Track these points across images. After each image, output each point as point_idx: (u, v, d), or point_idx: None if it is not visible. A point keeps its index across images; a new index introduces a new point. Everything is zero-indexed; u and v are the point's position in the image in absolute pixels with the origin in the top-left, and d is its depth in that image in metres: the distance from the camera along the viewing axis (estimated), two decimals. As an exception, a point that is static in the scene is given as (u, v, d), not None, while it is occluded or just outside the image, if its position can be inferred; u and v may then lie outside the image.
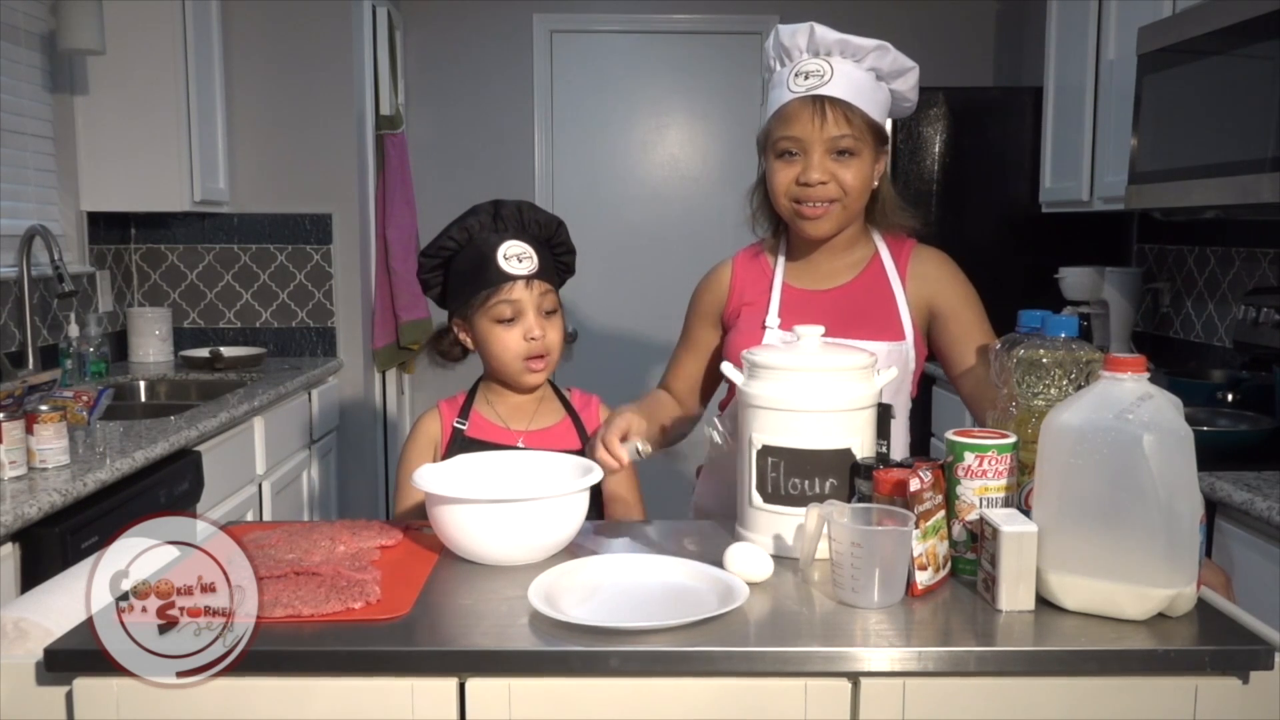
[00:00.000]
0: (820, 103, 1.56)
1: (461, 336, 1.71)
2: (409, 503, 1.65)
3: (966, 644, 1.06)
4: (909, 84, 1.64)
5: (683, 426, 1.77)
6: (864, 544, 1.12)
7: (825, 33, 1.58)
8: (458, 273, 1.67)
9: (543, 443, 1.66)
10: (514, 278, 1.62)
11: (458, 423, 1.69)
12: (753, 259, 1.75)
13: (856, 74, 1.58)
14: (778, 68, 1.63)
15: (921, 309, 1.66)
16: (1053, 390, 1.27)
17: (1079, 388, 1.23)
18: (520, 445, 1.66)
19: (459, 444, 1.66)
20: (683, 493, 1.96)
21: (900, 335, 1.63)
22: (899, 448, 1.65)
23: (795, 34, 1.59)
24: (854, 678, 1.04)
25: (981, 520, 1.16)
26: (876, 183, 1.64)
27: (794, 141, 1.58)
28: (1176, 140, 2.48)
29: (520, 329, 1.63)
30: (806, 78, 1.57)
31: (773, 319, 1.65)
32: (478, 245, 1.64)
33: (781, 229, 1.71)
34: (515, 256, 1.63)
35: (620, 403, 1.82)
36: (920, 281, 1.67)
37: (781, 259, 1.71)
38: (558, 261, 1.72)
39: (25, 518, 1.76)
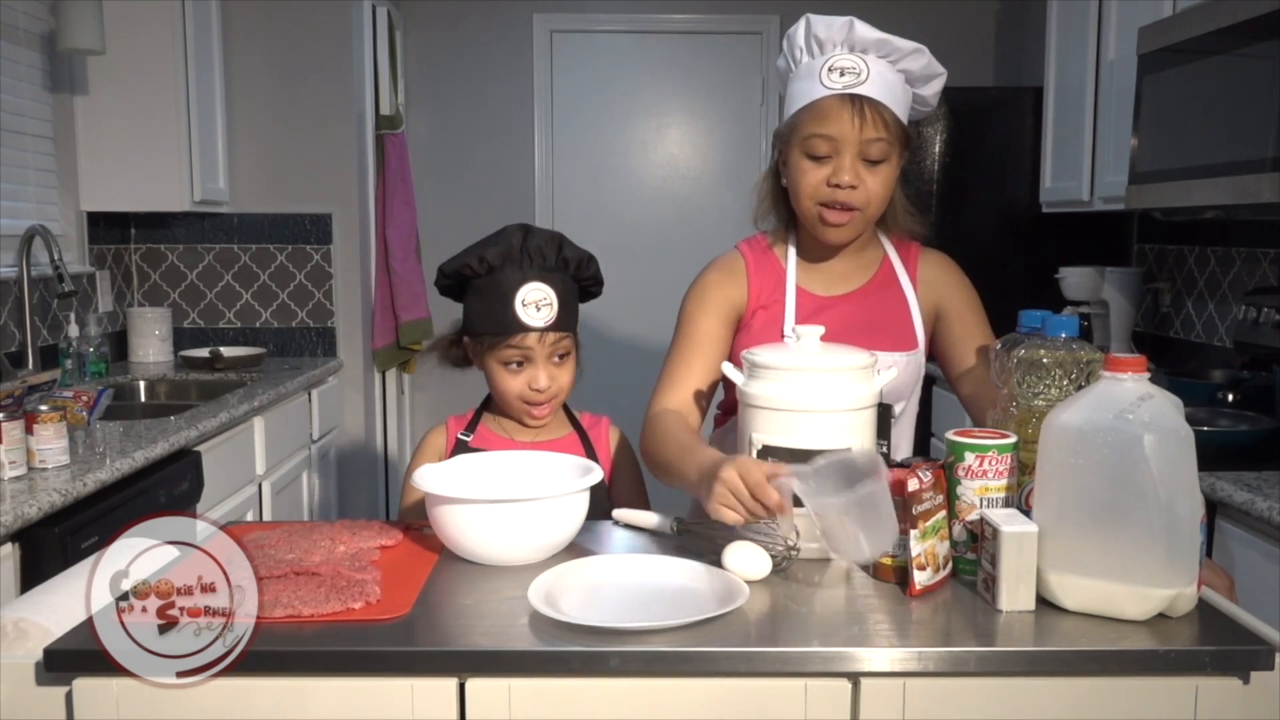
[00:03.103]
0: (860, 103, 1.50)
1: (470, 352, 1.68)
2: (409, 507, 1.64)
3: (967, 644, 1.06)
4: (933, 90, 1.59)
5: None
6: (853, 511, 1.14)
7: (866, 30, 1.52)
8: (476, 294, 1.62)
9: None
10: (528, 329, 1.58)
11: (463, 434, 1.68)
12: (763, 253, 1.67)
13: (890, 75, 1.53)
14: (805, 59, 1.56)
15: (930, 313, 1.65)
16: (1053, 390, 1.27)
17: (1079, 388, 1.23)
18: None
19: (462, 453, 1.66)
20: (683, 494, 1.95)
21: (914, 344, 1.62)
22: (905, 451, 1.65)
23: (833, 26, 1.52)
24: (854, 678, 1.04)
25: (982, 520, 1.16)
26: None
27: (828, 141, 1.51)
28: (1177, 140, 2.48)
29: (525, 377, 1.61)
30: (842, 74, 1.50)
31: (790, 328, 1.59)
32: (498, 280, 1.58)
33: (792, 226, 1.67)
34: (534, 304, 1.57)
35: (622, 413, 1.79)
36: (929, 286, 1.66)
37: (792, 257, 1.65)
38: (586, 293, 1.68)
39: (25, 518, 1.75)
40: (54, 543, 1.82)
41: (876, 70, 1.51)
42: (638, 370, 4.14)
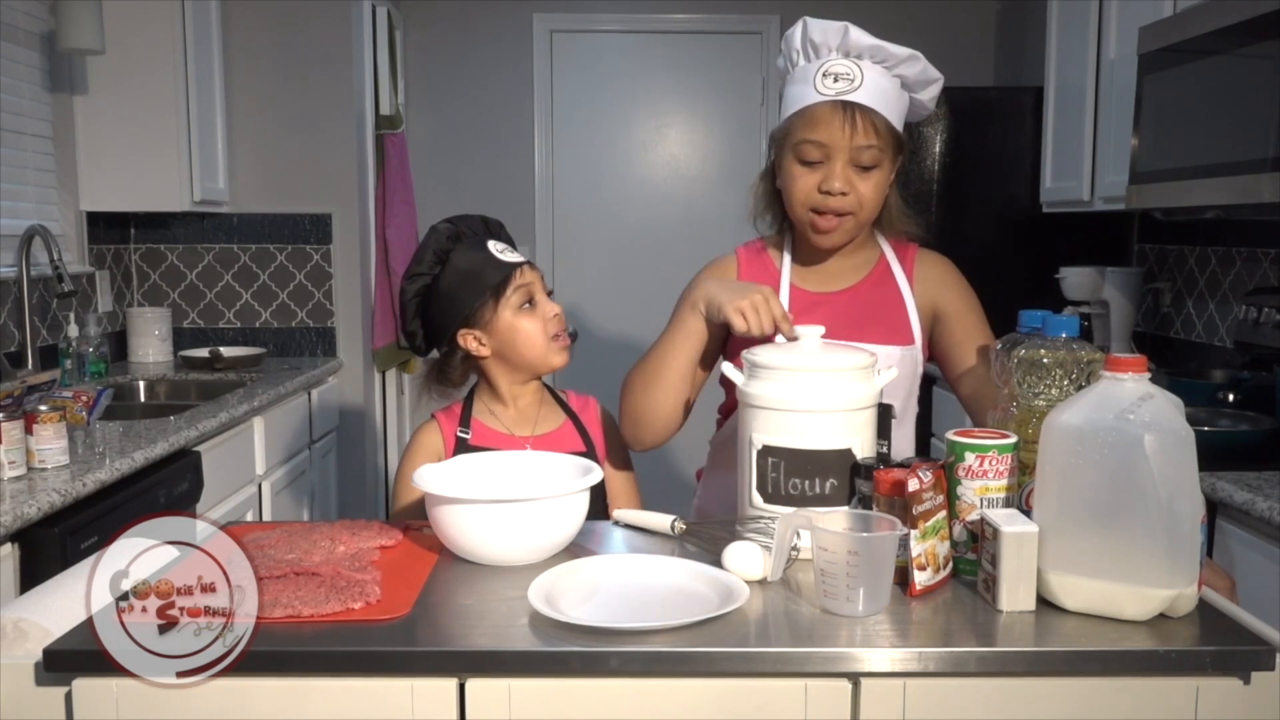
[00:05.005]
0: (851, 110, 1.51)
1: (473, 346, 1.65)
2: (405, 508, 1.64)
3: (967, 644, 1.06)
4: (931, 95, 1.60)
5: (682, 416, 1.64)
6: (861, 551, 1.10)
7: (860, 36, 1.52)
8: (449, 290, 1.63)
9: (549, 447, 1.65)
10: (518, 265, 1.64)
11: (461, 432, 1.67)
12: (756, 256, 1.69)
13: (884, 81, 1.53)
14: (800, 62, 1.57)
15: (927, 312, 1.66)
16: (1053, 390, 1.27)
17: (1080, 388, 1.23)
18: (528, 450, 1.65)
19: (464, 453, 1.65)
20: (683, 495, 1.96)
21: (910, 339, 1.62)
22: (906, 451, 1.64)
23: (828, 31, 1.53)
24: (854, 678, 1.04)
25: (982, 520, 1.16)
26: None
27: (819, 147, 1.53)
28: (1177, 140, 2.48)
29: (541, 311, 1.65)
30: (835, 80, 1.52)
31: None
32: (461, 257, 1.63)
33: (787, 226, 1.68)
34: (504, 249, 1.66)
35: (616, 404, 1.79)
36: (926, 285, 1.66)
37: (787, 259, 1.67)
38: None
39: (25, 518, 1.75)
40: (54, 543, 1.82)
41: (870, 76, 1.52)
42: (638, 370, 4.15)
